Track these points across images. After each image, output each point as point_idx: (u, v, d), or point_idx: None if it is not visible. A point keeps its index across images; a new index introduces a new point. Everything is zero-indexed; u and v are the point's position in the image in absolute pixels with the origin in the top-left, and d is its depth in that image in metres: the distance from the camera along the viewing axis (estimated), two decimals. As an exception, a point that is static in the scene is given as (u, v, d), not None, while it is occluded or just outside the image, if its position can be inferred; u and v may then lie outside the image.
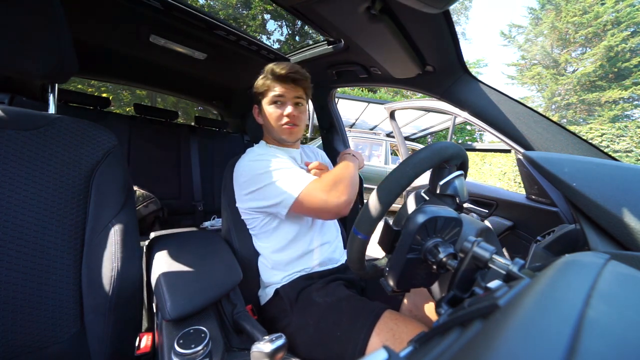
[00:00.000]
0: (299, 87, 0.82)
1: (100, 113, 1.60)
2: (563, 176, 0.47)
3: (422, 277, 0.43)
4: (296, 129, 0.85)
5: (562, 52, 13.98)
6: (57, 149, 0.57)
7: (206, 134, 1.98)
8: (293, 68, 0.80)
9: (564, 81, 13.52)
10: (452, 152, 0.49)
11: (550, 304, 0.17)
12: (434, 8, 0.48)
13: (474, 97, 0.77)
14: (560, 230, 0.67)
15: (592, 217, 0.44)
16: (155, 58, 1.28)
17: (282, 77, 0.79)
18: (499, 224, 1.09)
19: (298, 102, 0.84)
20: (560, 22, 13.33)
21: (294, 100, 0.82)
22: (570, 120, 14.20)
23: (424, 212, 0.39)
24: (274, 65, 0.80)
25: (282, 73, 0.79)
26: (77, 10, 0.89)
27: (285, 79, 0.79)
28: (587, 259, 0.23)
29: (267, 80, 0.82)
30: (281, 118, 0.83)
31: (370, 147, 5.31)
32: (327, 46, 1.02)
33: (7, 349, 0.49)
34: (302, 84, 0.82)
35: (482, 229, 0.50)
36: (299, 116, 0.84)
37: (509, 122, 0.71)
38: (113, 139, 0.63)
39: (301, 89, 0.83)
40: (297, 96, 0.82)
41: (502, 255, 0.32)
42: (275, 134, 0.86)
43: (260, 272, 0.84)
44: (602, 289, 0.18)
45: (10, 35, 0.50)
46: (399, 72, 0.89)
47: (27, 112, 0.56)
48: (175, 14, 0.91)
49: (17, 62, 0.52)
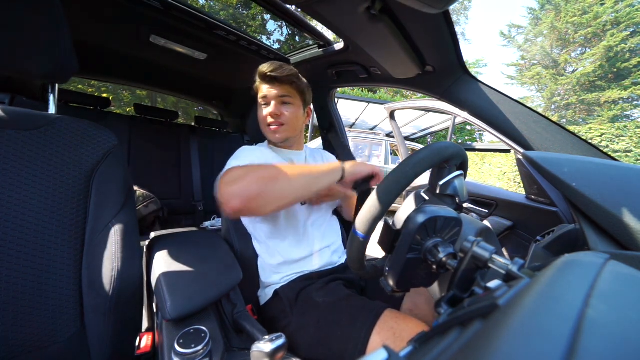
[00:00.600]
0: (284, 85, 0.79)
1: (101, 113, 1.60)
2: (563, 176, 0.47)
3: (422, 277, 0.43)
4: (280, 128, 0.81)
5: (561, 52, 14.00)
6: (58, 149, 0.57)
7: (206, 134, 1.98)
8: (275, 66, 0.77)
9: (563, 81, 13.54)
10: (452, 152, 0.49)
11: (550, 304, 0.17)
12: (433, 8, 0.48)
13: (473, 97, 0.77)
14: (560, 230, 0.67)
15: (592, 217, 0.44)
16: (155, 58, 1.29)
17: (265, 77, 0.78)
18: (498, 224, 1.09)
19: (284, 101, 0.80)
20: (559, 22, 13.34)
21: (278, 100, 0.80)
22: (569, 120, 14.22)
23: (423, 212, 0.39)
24: (262, 65, 0.79)
25: (263, 72, 0.77)
26: (77, 11, 0.89)
27: (268, 78, 0.77)
28: (586, 258, 0.23)
29: (257, 81, 0.81)
30: (266, 118, 0.81)
31: (370, 147, 5.31)
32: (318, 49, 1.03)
33: (7, 349, 0.49)
34: (287, 81, 0.79)
35: (481, 229, 0.51)
36: (282, 115, 0.80)
37: (509, 122, 0.71)
38: (113, 139, 0.63)
39: (287, 86, 0.79)
40: (281, 95, 0.79)
41: (502, 255, 0.33)
42: (265, 135, 0.85)
43: (259, 273, 0.84)
44: (602, 288, 0.18)
45: (11, 35, 0.50)
46: (399, 72, 0.89)
47: (28, 112, 0.56)
48: (175, 14, 0.91)
49: (17, 62, 0.52)
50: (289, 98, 0.81)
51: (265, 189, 0.58)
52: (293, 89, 0.81)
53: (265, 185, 0.58)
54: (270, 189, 0.58)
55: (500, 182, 7.51)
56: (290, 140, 0.87)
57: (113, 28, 1.03)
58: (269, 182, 0.58)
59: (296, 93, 0.82)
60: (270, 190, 0.58)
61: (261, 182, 0.58)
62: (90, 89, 7.17)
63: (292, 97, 0.81)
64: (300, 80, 0.82)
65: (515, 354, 0.13)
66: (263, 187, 0.58)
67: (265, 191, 0.58)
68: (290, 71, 0.79)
